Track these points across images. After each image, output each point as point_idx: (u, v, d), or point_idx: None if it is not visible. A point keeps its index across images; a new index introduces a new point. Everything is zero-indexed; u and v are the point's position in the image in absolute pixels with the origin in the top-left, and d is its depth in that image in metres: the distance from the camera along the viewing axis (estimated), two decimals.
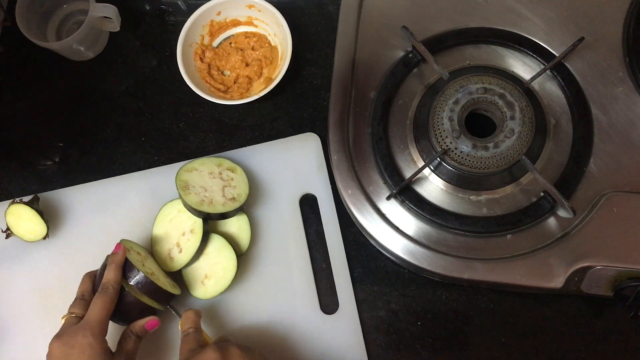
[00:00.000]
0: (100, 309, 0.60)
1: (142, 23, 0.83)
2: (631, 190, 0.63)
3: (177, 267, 0.68)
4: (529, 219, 0.63)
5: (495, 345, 0.67)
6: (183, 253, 0.68)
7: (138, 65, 0.82)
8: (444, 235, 0.65)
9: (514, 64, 0.69)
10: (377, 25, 0.71)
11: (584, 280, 0.62)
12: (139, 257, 0.66)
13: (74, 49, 0.79)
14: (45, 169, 0.79)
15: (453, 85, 0.64)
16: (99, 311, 0.60)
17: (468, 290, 0.69)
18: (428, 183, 0.66)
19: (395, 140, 0.68)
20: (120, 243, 0.65)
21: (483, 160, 0.62)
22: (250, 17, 0.79)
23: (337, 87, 0.70)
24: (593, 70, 0.67)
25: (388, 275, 0.70)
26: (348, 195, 0.66)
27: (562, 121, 0.66)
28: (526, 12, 0.69)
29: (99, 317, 0.60)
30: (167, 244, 0.70)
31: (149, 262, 0.68)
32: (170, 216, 0.70)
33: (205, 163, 0.72)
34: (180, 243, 0.69)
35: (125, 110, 0.81)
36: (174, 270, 0.69)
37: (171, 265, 0.69)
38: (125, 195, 0.75)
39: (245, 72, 0.78)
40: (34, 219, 0.71)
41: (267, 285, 0.70)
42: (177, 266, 0.68)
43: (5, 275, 0.74)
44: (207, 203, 0.68)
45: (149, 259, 0.68)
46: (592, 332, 0.66)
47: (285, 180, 0.73)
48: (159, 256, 0.69)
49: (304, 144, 0.74)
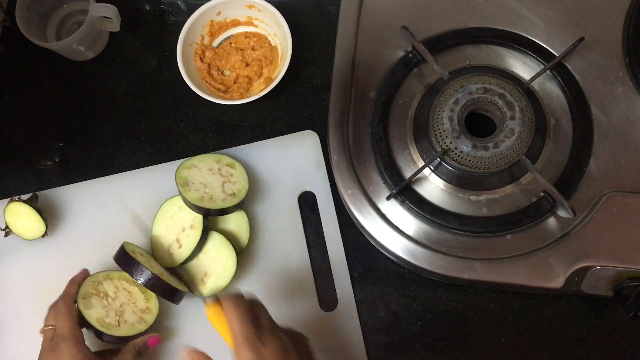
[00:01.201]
0: (67, 318, 0.61)
1: (142, 23, 0.83)
2: (631, 190, 0.63)
3: (177, 263, 0.68)
4: (529, 219, 0.63)
5: (495, 345, 0.67)
6: (182, 248, 0.68)
7: (138, 65, 0.82)
8: (444, 235, 0.65)
9: (514, 64, 0.69)
10: (377, 25, 0.71)
11: (584, 280, 0.62)
12: (143, 259, 0.67)
13: (74, 49, 0.79)
14: (45, 169, 0.79)
15: (453, 85, 0.64)
16: (66, 320, 0.61)
17: (468, 290, 0.69)
18: (428, 183, 0.66)
19: (395, 140, 0.68)
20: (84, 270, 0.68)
21: (483, 160, 0.62)
22: (250, 17, 0.79)
23: (337, 87, 0.70)
24: (593, 70, 0.67)
25: (388, 275, 0.70)
26: (348, 195, 0.66)
27: (562, 121, 0.66)
28: (526, 12, 0.69)
29: (69, 326, 0.61)
30: (167, 239, 0.70)
31: (153, 263, 0.68)
32: (171, 213, 0.70)
33: (205, 160, 0.72)
34: (180, 239, 0.69)
35: (125, 110, 0.80)
36: (174, 265, 0.69)
37: (171, 261, 0.69)
38: (124, 193, 0.75)
39: (245, 72, 0.78)
40: (32, 217, 0.71)
41: (265, 283, 0.70)
42: (176, 262, 0.68)
43: (4, 273, 0.74)
44: (207, 199, 0.68)
45: (152, 260, 0.69)
46: (592, 332, 0.66)
47: (283, 178, 0.73)
48: (158, 252, 0.70)
49: (303, 142, 0.74)
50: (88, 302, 0.65)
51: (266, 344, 0.52)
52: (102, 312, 0.65)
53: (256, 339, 0.52)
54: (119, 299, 0.67)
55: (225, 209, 0.68)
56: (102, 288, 0.67)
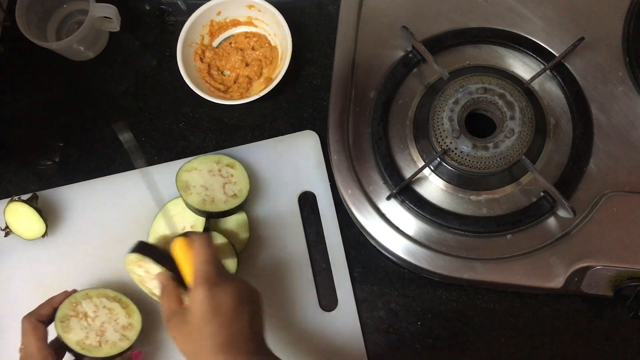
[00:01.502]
0: (33, 339, 0.62)
1: (142, 23, 0.83)
2: (631, 190, 0.63)
3: None
4: (529, 219, 0.63)
5: (495, 345, 0.67)
6: None
7: (138, 65, 0.82)
8: (444, 235, 0.65)
9: (514, 64, 0.69)
10: (377, 25, 0.71)
11: (584, 280, 0.62)
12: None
13: (74, 49, 0.79)
14: (45, 169, 0.79)
15: (453, 85, 0.64)
16: (33, 341, 0.62)
17: (468, 290, 0.69)
18: (428, 183, 0.66)
19: (395, 140, 0.68)
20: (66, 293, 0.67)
21: (483, 160, 0.62)
22: (250, 17, 0.79)
23: (337, 87, 0.70)
24: (593, 70, 0.67)
25: (388, 275, 0.70)
26: (348, 195, 0.66)
27: (562, 121, 0.66)
28: (526, 12, 0.70)
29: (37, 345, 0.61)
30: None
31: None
32: (174, 211, 0.71)
33: (204, 161, 0.72)
34: None
35: (125, 110, 0.80)
36: None
37: None
38: (124, 193, 0.75)
39: (245, 72, 0.78)
40: (32, 217, 0.71)
41: (265, 282, 0.70)
42: None
43: (4, 273, 0.74)
44: (208, 202, 0.68)
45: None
46: (592, 332, 0.66)
47: (283, 177, 0.73)
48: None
49: (303, 142, 0.74)
50: (67, 325, 0.64)
51: (223, 288, 0.54)
52: (82, 334, 0.64)
53: (215, 281, 0.54)
54: (99, 317, 0.66)
55: (227, 211, 0.68)
56: (80, 308, 0.66)
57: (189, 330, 0.53)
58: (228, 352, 0.52)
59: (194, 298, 0.54)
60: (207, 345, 0.52)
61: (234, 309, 0.54)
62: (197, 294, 0.53)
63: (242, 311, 0.54)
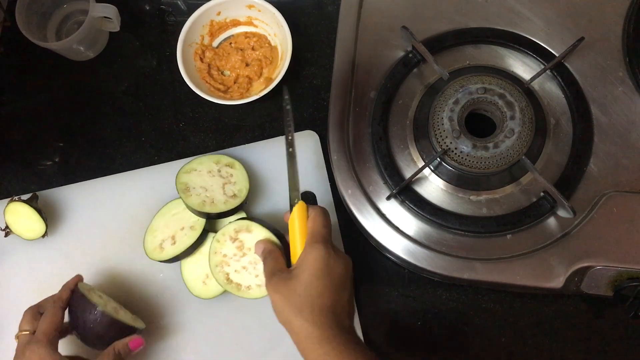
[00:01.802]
0: (49, 322, 0.62)
1: (142, 23, 0.83)
2: (631, 190, 0.63)
3: (162, 259, 0.69)
4: (529, 219, 0.63)
5: (495, 345, 0.67)
6: (175, 246, 0.69)
7: (138, 65, 0.82)
8: (444, 235, 0.65)
9: (514, 64, 0.69)
10: (377, 25, 0.71)
11: (584, 280, 0.62)
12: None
13: (74, 49, 0.79)
14: (45, 169, 0.79)
15: (453, 85, 0.64)
16: (47, 324, 0.61)
17: (468, 290, 0.69)
18: (428, 183, 0.66)
19: (395, 140, 0.68)
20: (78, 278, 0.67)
21: (483, 160, 0.62)
22: (250, 17, 0.79)
23: (337, 87, 0.70)
24: (593, 70, 0.67)
25: (388, 275, 0.70)
26: (348, 195, 0.66)
27: (562, 121, 0.66)
28: (526, 12, 0.70)
29: (46, 330, 0.61)
30: (162, 234, 0.70)
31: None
32: (175, 211, 0.71)
33: (204, 162, 0.71)
34: (176, 236, 0.69)
35: (125, 110, 0.80)
36: (156, 260, 0.69)
37: (157, 255, 0.69)
38: (124, 193, 0.75)
39: (245, 72, 0.78)
40: (32, 217, 0.71)
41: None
42: (162, 257, 0.69)
43: (4, 273, 0.74)
44: (208, 203, 0.68)
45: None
46: (592, 332, 0.66)
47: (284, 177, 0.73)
48: (148, 245, 0.70)
49: (303, 142, 0.74)
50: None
51: (337, 254, 0.57)
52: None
53: (332, 245, 0.57)
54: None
55: (226, 212, 0.68)
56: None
57: (294, 287, 0.54)
58: (330, 317, 0.53)
59: (308, 255, 0.55)
60: (311, 302, 0.53)
61: (344, 278, 0.55)
62: (313, 250, 0.55)
63: (347, 285, 0.56)
